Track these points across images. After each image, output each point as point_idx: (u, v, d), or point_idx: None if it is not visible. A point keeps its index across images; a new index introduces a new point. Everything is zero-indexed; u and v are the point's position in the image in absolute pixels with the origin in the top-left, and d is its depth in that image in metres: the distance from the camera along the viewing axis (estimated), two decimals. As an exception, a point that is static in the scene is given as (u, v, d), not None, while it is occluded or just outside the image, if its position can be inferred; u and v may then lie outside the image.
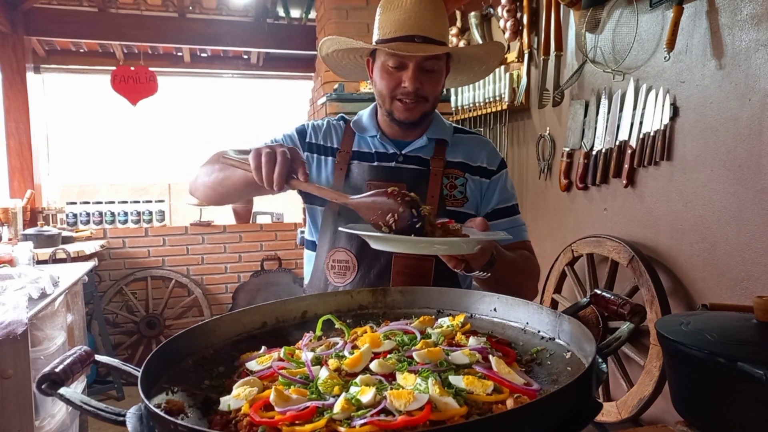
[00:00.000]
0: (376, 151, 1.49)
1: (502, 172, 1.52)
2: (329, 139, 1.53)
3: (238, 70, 5.77)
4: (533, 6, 2.85)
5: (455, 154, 1.49)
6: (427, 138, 1.48)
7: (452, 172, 1.46)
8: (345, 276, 1.43)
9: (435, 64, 1.36)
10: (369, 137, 1.50)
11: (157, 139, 6.46)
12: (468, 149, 1.51)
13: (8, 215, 4.15)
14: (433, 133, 1.49)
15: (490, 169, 1.50)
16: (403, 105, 1.39)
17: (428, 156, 1.47)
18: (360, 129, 1.52)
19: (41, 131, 4.90)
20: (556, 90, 2.69)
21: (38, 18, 4.61)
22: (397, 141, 1.49)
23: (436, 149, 1.48)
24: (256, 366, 0.93)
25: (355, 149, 1.50)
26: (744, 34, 1.79)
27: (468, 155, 1.50)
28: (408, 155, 1.48)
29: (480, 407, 0.75)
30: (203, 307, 4.89)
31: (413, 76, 1.34)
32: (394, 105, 1.40)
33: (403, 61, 1.35)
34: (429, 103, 1.41)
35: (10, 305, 2.09)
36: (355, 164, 1.47)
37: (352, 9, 3.84)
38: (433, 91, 1.41)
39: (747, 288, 1.81)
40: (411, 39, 1.33)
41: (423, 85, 1.37)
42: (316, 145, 1.52)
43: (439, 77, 1.41)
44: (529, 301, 1.11)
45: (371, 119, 1.52)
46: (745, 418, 1.01)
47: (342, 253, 1.43)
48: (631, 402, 2.09)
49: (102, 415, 0.75)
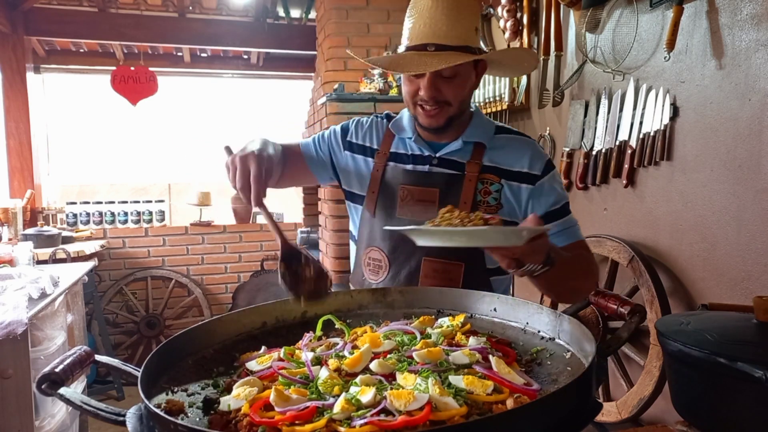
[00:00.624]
0: (412, 153, 1.47)
1: (549, 174, 1.43)
2: (370, 139, 1.52)
3: (238, 70, 5.77)
4: (533, 6, 2.85)
5: (494, 158, 1.43)
6: (463, 141, 1.43)
7: (488, 177, 1.41)
8: (378, 274, 1.45)
9: (454, 69, 1.31)
10: (406, 138, 1.48)
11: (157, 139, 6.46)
12: (508, 153, 1.44)
13: (8, 215, 4.15)
14: (470, 136, 1.44)
15: (534, 174, 1.41)
16: (425, 111, 1.37)
17: (464, 159, 1.43)
18: (398, 130, 1.50)
19: (41, 131, 4.90)
20: (556, 90, 2.69)
21: (38, 18, 4.61)
22: (433, 143, 1.46)
23: (474, 152, 1.43)
24: (256, 366, 0.93)
25: (393, 150, 1.49)
26: (744, 34, 1.79)
27: (507, 159, 1.43)
28: (443, 158, 1.44)
29: (480, 407, 0.75)
30: (203, 307, 4.89)
31: (428, 85, 1.32)
32: (416, 111, 1.39)
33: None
34: (454, 107, 1.37)
35: (10, 305, 2.09)
36: (391, 166, 1.47)
37: (352, 9, 3.84)
38: (457, 95, 1.36)
39: (747, 288, 1.81)
40: (423, 48, 1.30)
41: (441, 92, 1.33)
42: (357, 145, 1.53)
43: (463, 80, 1.35)
44: (529, 301, 1.11)
45: (410, 120, 1.49)
46: (745, 418, 1.01)
47: (376, 252, 1.45)
48: (631, 402, 2.09)
49: (102, 415, 0.75)
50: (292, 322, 1.16)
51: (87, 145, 6.23)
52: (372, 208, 1.44)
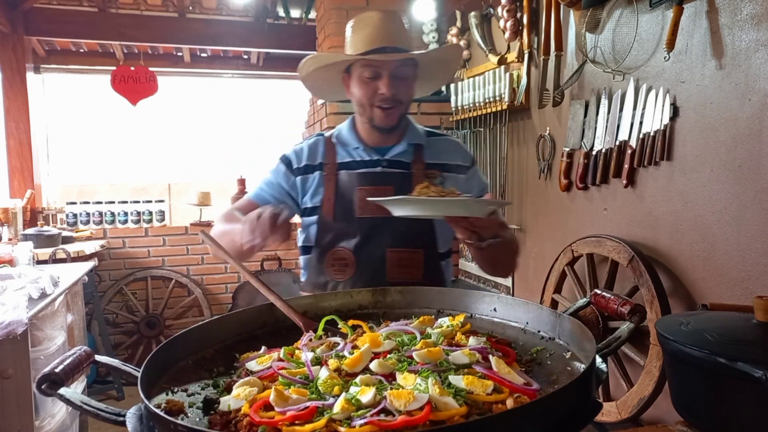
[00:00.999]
0: (362, 159, 1.60)
1: (474, 167, 1.69)
2: (312, 157, 1.63)
3: (238, 70, 5.76)
4: (533, 6, 2.85)
5: (431, 156, 1.63)
6: (407, 143, 1.61)
7: (431, 172, 1.59)
8: (344, 273, 1.55)
9: (406, 70, 1.50)
10: (352, 149, 1.62)
11: (157, 139, 6.45)
12: (442, 150, 1.65)
13: (8, 215, 4.15)
14: (411, 139, 1.62)
15: (465, 165, 1.65)
16: (382, 111, 1.51)
17: (409, 160, 1.60)
18: (342, 143, 1.63)
19: (41, 131, 4.89)
20: (556, 90, 2.69)
21: (38, 18, 4.61)
22: (379, 148, 1.61)
23: (415, 153, 1.62)
24: (256, 366, 0.93)
25: (340, 161, 1.61)
26: (744, 34, 1.79)
27: (443, 156, 1.64)
28: (391, 160, 1.60)
29: (480, 407, 0.75)
30: (203, 307, 4.89)
31: (389, 83, 1.47)
32: (373, 112, 1.52)
33: (377, 71, 1.48)
34: (404, 106, 1.55)
35: (10, 305, 2.09)
36: (344, 173, 1.59)
37: (352, 9, 3.84)
38: (407, 94, 1.55)
39: (747, 288, 1.81)
40: (383, 50, 1.47)
41: (398, 91, 1.50)
42: (303, 167, 1.63)
43: (412, 82, 1.55)
44: (529, 301, 1.11)
45: (351, 132, 1.64)
46: (745, 418, 1.01)
47: (342, 251, 1.55)
48: (631, 402, 2.09)
49: (102, 415, 0.75)
50: (292, 322, 1.16)
51: (87, 145, 6.22)
52: (331, 214, 1.55)
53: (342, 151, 1.63)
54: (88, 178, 6.00)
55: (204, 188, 5.20)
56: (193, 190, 5.25)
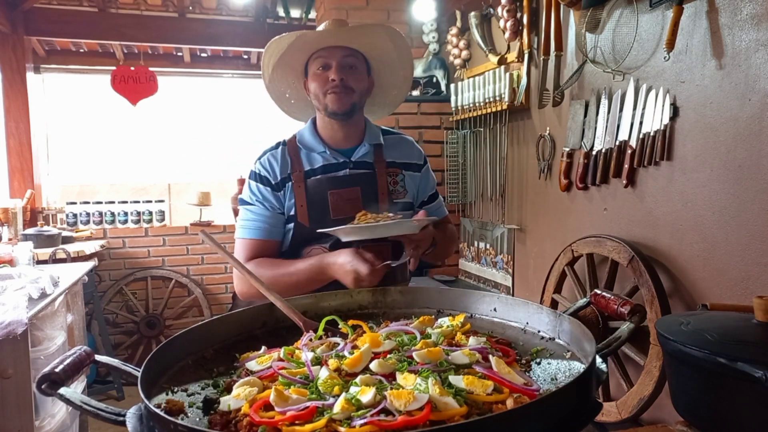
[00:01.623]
0: (329, 163, 1.67)
1: (427, 163, 1.83)
2: (283, 169, 1.67)
3: (238, 70, 5.76)
4: (533, 6, 2.85)
5: (390, 154, 1.73)
6: (368, 144, 1.71)
7: (392, 171, 1.72)
8: None
9: (354, 61, 1.62)
10: (318, 153, 1.68)
11: (157, 139, 6.44)
12: (399, 149, 1.76)
13: (8, 215, 4.15)
14: (371, 139, 1.72)
15: (419, 164, 1.79)
16: (335, 95, 1.59)
17: (371, 159, 1.70)
18: (307, 147, 1.69)
19: (41, 131, 4.89)
20: (556, 90, 2.69)
21: (38, 18, 4.61)
22: (343, 150, 1.69)
23: (376, 153, 1.71)
24: (256, 366, 0.93)
25: (307, 168, 1.67)
26: (744, 34, 1.79)
27: (401, 154, 1.76)
28: (357, 161, 1.68)
29: (480, 407, 0.75)
30: (203, 307, 4.89)
31: (337, 70, 1.58)
32: (327, 98, 1.61)
33: (327, 62, 1.59)
34: (356, 94, 1.63)
35: (10, 305, 2.09)
36: (312, 180, 1.64)
37: (352, 9, 3.84)
38: (358, 83, 1.63)
39: (747, 288, 1.81)
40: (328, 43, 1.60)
41: (347, 77, 1.59)
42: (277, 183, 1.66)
43: (361, 74, 1.64)
44: (529, 301, 1.11)
45: (313, 136, 1.70)
46: (745, 418, 1.01)
47: (318, 250, 1.62)
48: (631, 402, 2.09)
49: (102, 415, 0.75)
50: (292, 322, 1.16)
51: (87, 145, 6.21)
52: (306, 219, 1.61)
53: (307, 157, 1.69)
54: (88, 178, 5.99)
55: (204, 188, 5.20)
56: (193, 190, 5.25)
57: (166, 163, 6.38)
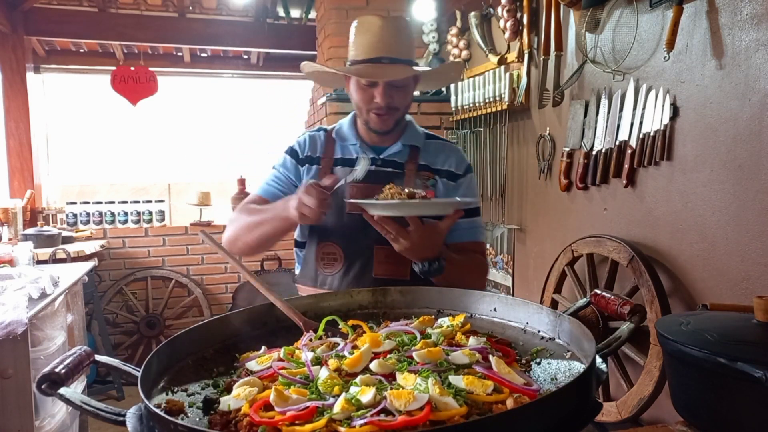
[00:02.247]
0: (358, 156, 1.63)
1: (468, 176, 1.70)
2: (313, 149, 1.69)
3: (238, 70, 5.76)
4: (533, 6, 2.85)
5: (427, 159, 1.67)
6: (402, 144, 1.66)
7: (424, 174, 1.64)
8: (333, 267, 1.60)
9: (404, 80, 1.55)
10: (350, 145, 1.67)
11: (157, 139, 6.45)
12: (438, 155, 1.69)
13: (8, 215, 4.15)
14: (407, 140, 1.67)
15: (457, 173, 1.68)
16: (378, 117, 1.56)
17: (402, 160, 1.65)
18: (341, 138, 1.69)
19: (41, 131, 4.89)
20: (556, 90, 2.69)
21: (38, 18, 4.61)
22: (376, 147, 1.67)
23: (410, 154, 1.66)
24: (256, 366, 0.93)
25: (338, 156, 1.67)
26: (744, 34, 1.79)
27: (438, 160, 1.68)
28: (385, 159, 1.65)
29: (480, 407, 0.75)
30: (203, 307, 4.89)
31: (383, 93, 1.52)
32: (369, 116, 1.58)
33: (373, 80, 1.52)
34: (400, 112, 1.59)
35: (10, 305, 2.08)
36: (338, 169, 1.63)
37: (352, 9, 3.84)
38: (403, 101, 1.59)
39: (747, 288, 1.81)
40: (379, 60, 1.51)
41: (393, 99, 1.54)
42: (306, 157, 1.68)
43: (408, 90, 1.60)
44: (529, 301, 1.11)
45: (351, 128, 1.69)
46: (745, 418, 1.01)
47: (331, 246, 1.60)
48: (631, 402, 2.09)
49: (102, 415, 0.75)
50: (292, 322, 1.16)
51: (87, 145, 6.22)
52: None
53: (340, 147, 1.68)
54: (88, 178, 6.00)
55: (204, 188, 5.20)
56: (193, 190, 5.25)
57: (166, 163, 6.39)
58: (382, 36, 1.52)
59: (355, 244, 1.57)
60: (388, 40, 1.52)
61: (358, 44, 1.55)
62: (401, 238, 1.36)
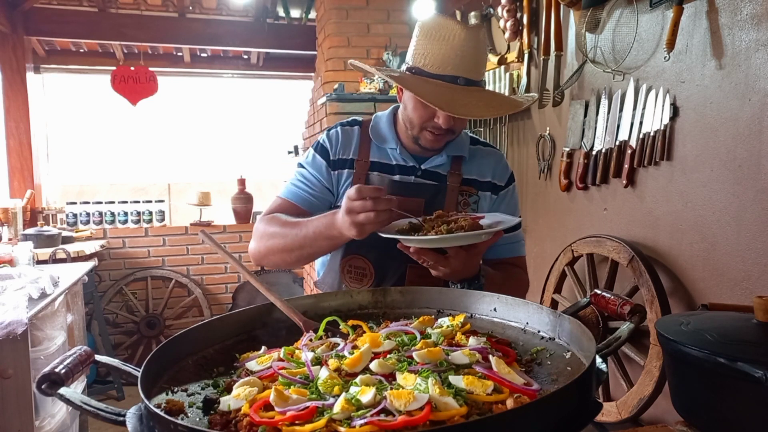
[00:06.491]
0: (397, 163, 1.50)
1: (509, 187, 1.57)
2: (346, 150, 1.51)
3: (238, 70, 5.77)
4: (533, 6, 2.85)
5: (470, 169, 1.52)
6: (446, 155, 1.51)
7: (466, 189, 1.50)
8: (362, 282, 1.47)
9: None
10: (389, 149, 1.51)
11: (157, 139, 6.46)
12: (481, 163, 1.54)
13: (8, 215, 4.15)
14: (452, 150, 1.51)
15: (499, 185, 1.55)
16: (433, 136, 1.41)
17: (445, 171, 1.50)
18: (379, 138, 1.51)
19: (41, 131, 4.90)
20: (556, 90, 2.69)
21: (38, 18, 4.61)
22: (416, 155, 1.51)
23: (453, 164, 1.51)
24: (256, 366, 0.93)
25: (374, 159, 1.50)
26: (744, 34, 1.79)
27: (481, 171, 1.53)
28: (427, 170, 1.50)
29: (480, 407, 0.74)
30: (203, 307, 4.89)
31: (447, 119, 1.35)
32: (422, 134, 1.42)
33: None
34: (456, 134, 1.45)
35: (10, 305, 2.09)
36: (375, 175, 1.48)
37: (352, 9, 3.84)
38: (463, 125, 1.44)
39: (747, 288, 1.81)
40: (454, 80, 1.32)
41: (456, 123, 1.38)
42: (339, 160, 1.50)
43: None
44: (529, 301, 1.11)
45: (390, 129, 1.51)
46: (745, 418, 1.01)
47: (360, 261, 1.47)
48: (631, 402, 2.09)
49: (102, 415, 0.75)
50: (292, 322, 1.16)
51: (87, 145, 6.23)
52: None
53: (377, 148, 1.51)
54: (88, 178, 6.00)
55: (204, 188, 5.21)
56: (193, 190, 5.26)
57: (166, 163, 6.39)
58: (464, 52, 1.31)
59: (386, 261, 1.44)
60: (470, 58, 1.32)
61: (432, 53, 1.33)
62: (440, 267, 1.26)
